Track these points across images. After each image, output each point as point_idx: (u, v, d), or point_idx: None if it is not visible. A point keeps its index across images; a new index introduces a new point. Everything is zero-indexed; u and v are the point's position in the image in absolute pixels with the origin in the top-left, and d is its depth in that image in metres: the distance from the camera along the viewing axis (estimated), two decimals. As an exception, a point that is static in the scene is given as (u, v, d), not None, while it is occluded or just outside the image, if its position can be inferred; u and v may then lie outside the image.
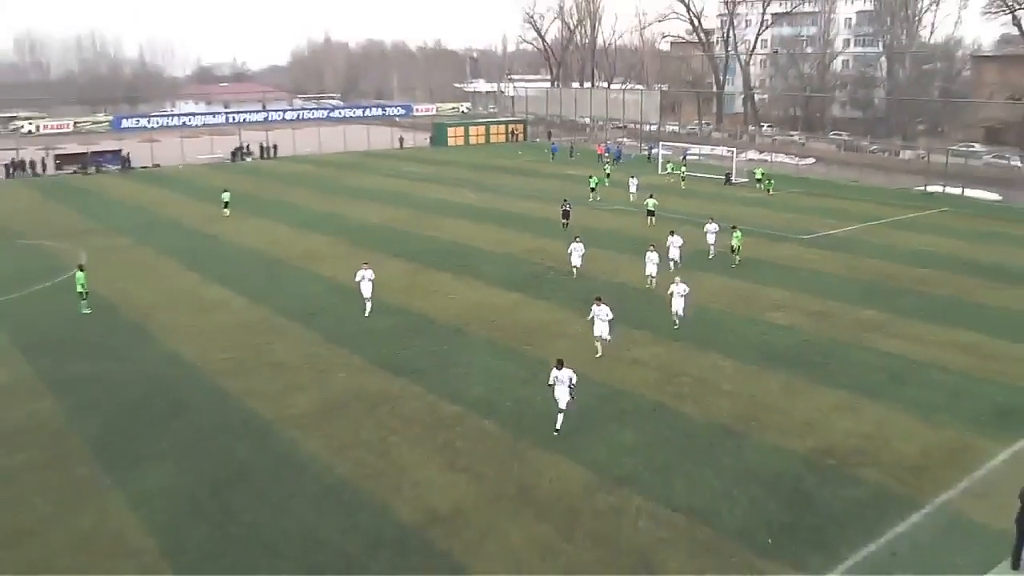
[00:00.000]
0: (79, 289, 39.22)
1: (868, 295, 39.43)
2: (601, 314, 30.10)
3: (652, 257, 40.25)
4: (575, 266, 42.32)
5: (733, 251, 44.95)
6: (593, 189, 67.74)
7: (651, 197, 56.93)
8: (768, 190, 71.64)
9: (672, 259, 42.44)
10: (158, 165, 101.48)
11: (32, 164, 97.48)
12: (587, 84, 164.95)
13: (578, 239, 42.97)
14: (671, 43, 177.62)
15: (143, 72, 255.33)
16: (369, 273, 36.59)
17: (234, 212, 64.48)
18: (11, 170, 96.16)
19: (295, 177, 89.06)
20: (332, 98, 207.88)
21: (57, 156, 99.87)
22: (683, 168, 78.17)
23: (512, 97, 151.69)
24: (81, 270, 39.73)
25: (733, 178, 78.43)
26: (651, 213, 55.73)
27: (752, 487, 21.71)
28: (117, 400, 28.61)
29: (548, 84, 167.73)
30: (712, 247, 46.55)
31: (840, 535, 19.58)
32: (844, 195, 72.22)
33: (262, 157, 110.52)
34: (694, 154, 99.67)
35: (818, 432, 24.89)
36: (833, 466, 22.84)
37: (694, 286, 38.77)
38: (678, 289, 33.80)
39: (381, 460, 23.60)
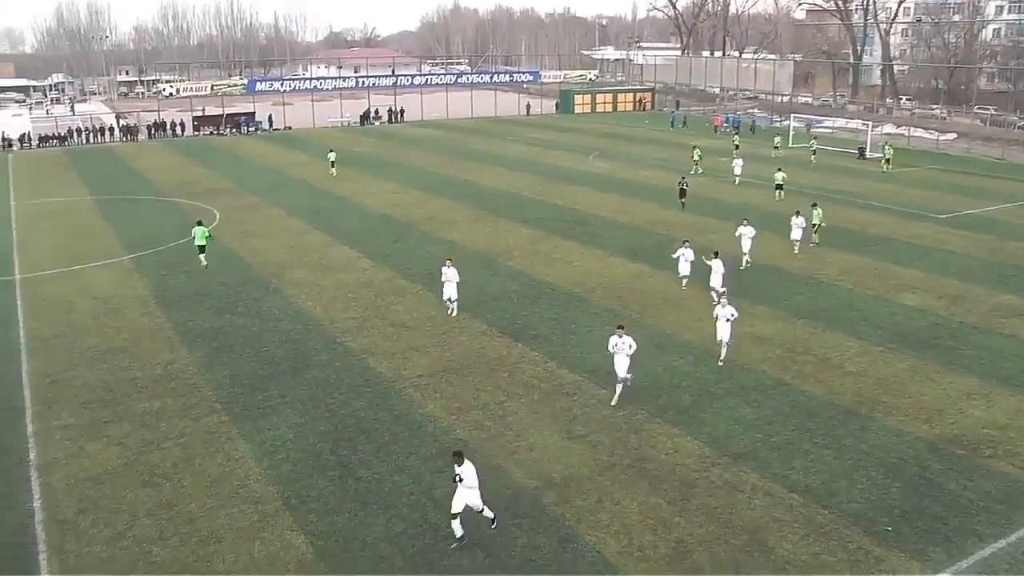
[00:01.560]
0: (199, 242, 40.87)
1: (1008, 279, 37.56)
2: (624, 347, 24.67)
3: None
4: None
5: (814, 229, 42.37)
6: (696, 161, 66.35)
7: (780, 170, 55.41)
8: (887, 166, 68.24)
9: (744, 253, 38.55)
10: (290, 128, 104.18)
11: (172, 125, 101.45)
12: (718, 53, 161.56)
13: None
14: (807, 11, 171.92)
15: (277, 37, 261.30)
16: (452, 272, 32.62)
17: (361, 174, 65.81)
18: (152, 131, 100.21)
19: (422, 141, 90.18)
20: (460, 63, 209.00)
21: (195, 118, 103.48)
22: (813, 141, 75.71)
23: (641, 65, 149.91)
24: (200, 225, 41.35)
25: (867, 152, 75.68)
26: (779, 187, 54.21)
27: (873, 471, 21.09)
28: (246, 353, 29.69)
29: (678, 53, 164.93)
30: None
31: (966, 528, 18.79)
32: (987, 173, 68.97)
33: (390, 121, 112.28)
34: (826, 127, 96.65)
35: (947, 419, 23.98)
36: (961, 455, 21.95)
37: (819, 263, 37.90)
38: (724, 313, 27.40)
39: (498, 424, 23.87)
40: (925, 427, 23.41)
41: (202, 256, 40.95)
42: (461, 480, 17.81)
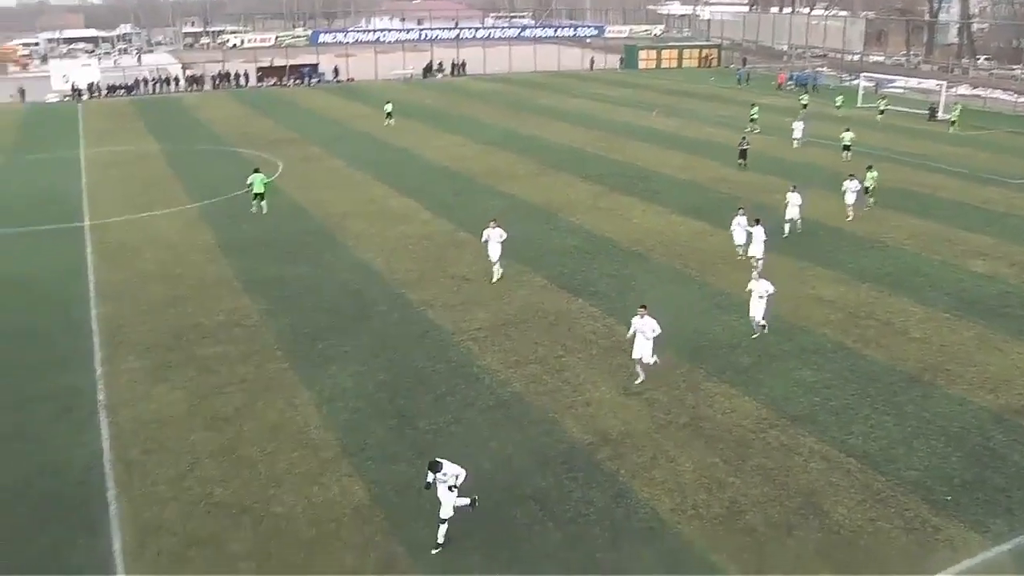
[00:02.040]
0: (257, 190, 41.49)
1: (1083, 247, 36.37)
2: (646, 329, 23.20)
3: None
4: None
5: (867, 192, 40.86)
6: (753, 119, 65.03)
7: (847, 130, 54.11)
8: (953, 128, 66.05)
9: (790, 220, 36.60)
10: (352, 79, 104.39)
11: (236, 76, 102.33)
12: (787, 9, 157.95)
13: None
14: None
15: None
16: (497, 233, 31.28)
17: (423, 127, 65.92)
18: (217, 82, 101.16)
19: (484, 95, 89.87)
20: (523, 17, 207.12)
21: (259, 69, 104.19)
22: (880, 101, 73.78)
23: (707, 21, 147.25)
24: (257, 172, 41.95)
25: (939, 114, 73.58)
26: (847, 148, 52.91)
27: (934, 439, 20.76)
28: (307, 302, 30.09)
29: (745, 8, 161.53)
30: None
31: (1028, 500, 18.50)
32: (1066, 137, 66.73)
33: (453, 74, 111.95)
34: (898, 87, 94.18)
35: (1014, 389, 23.43)
36: (1027, 426, 21.54)
37: (884, 226, 37.16)
38: (758, 288, 26.07)
39: (555, 378, 23.96)
40: (990, 397, 22.95)
41: (260, 203, 41.54)
42: (455, 487, 16.80)
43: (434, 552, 16.69)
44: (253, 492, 18.97)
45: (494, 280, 31.39)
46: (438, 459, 16.94)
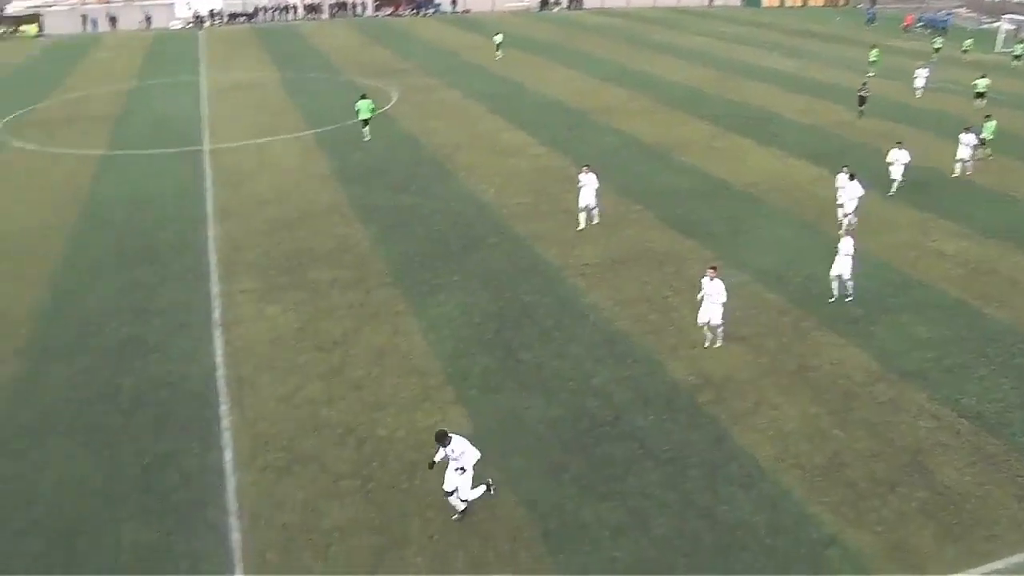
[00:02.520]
0: (364, 116, 42.13)
1: None
2: (714, 293, 21.71)
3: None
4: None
5: (983, 144, 38.34)
6: (873, 62, 62.17)
7: (983, 77, 51.35)
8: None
9: (893, 180, 33.95)
10: (468, 11, 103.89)
11: (353, 5, 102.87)
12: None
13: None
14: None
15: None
16: (591, 179, 30.05)
17: (538, 60, 65.34)
18: (335, 11, 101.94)
19: (600, 29, 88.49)
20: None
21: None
22: (1018, 46, 69.73)
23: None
24: (365, 98, 42.44)
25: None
26: (981, 95, 50.25)
27: (1056, 402, 19.93)
28: (417, 231, 30.42)
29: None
30: (964, 163, 35.34)
31: None
32: None
33: (569, 7, 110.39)
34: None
35: None
36: None
37: (1016, 180, 35.47)
38: (844, 246, 24.47)
39: (662, 318, 23.76)
40: (1119, 363, 21.84)
41: (365, 129, 42.19)
42: (463, 470, 15.60)
43: (455, 519, 15.96)
44: (358, 414, 19.46)
45: (580, 228, 30.21)
46: (447, 431, 15.74)
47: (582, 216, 30.21)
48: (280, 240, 29.89)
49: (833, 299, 24.57)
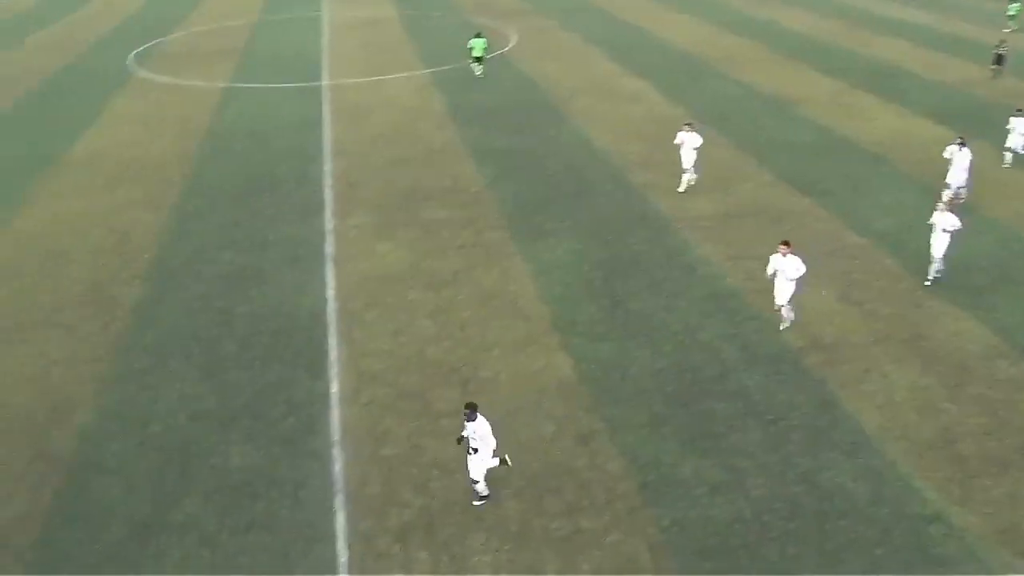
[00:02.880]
0: (476, 54, 42.99)
1: None
2: (789, 269, 20.09)
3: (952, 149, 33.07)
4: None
5: None
6: (1013, 16, 58.56)
7: None
8: None
9: (1009, 149, 31.40)
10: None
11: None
12: None
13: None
14: None
15: None
16: (692, 138, 28.72)
17: (661, 6, 63.98)
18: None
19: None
20: None
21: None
22: None
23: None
24: (479, 36, 43.24)
25: None
26: None
27: None
28: (530, 175, 30.41)
29: None
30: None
31: None
32: None
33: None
34: None
35: None
36: None
37: None
38: (942, 220, 22.28)
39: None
40: None
41: (477, 66, 43.09)
42: (475, 451, 15.00)
43: (926, 283, 16.07)
44: (463, 354, 19.71)
45: (681, 189, 29.06)
46: (476, 407, 15.04)
47: (685, 177, 29.03)
48: (394, 178, 30.25)
49: (928, 282, 22.86)
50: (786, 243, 20.36)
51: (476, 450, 15.02)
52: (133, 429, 17.55)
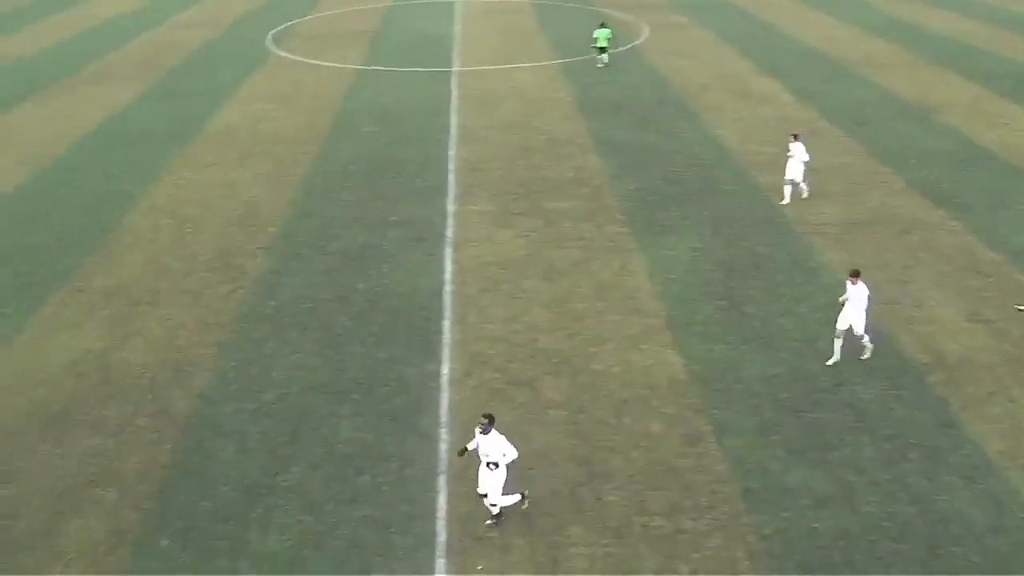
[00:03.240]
0: (601, 44, 43.01)
1: None
2: (857, 298, 18.81)
3: None
4: None
5: None
6: None
7: None
8: None
9: None
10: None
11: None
12: None
13: None
14: None
15: None
16: (799, 149, 27.05)
17: (798, 4, 62.45)
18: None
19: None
20: None
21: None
22: None
23: None
24: (604, 27, 43.48)
25: None
26: None
27: None
28: (655, 170, 30.18)
29: None
30: None
31: None
32: None
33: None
34: None
35: None
36: None
37: None
38: None
39: (898, 290, 22.47)
40: None
41: (602, 56, 43.25)
42: (495, 466, 14.12)
43: (488, 523, 14.57)
44: (576, 346, 19.71)
45: (784, 201, 27.55)
46: (494, 418, 14.30)
47: (787, 189, 27.70)
48: (518, 166, 30.43)
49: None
50: (856, 273, 18.99)
51: (496, 464, 14.13)
52: (249, 395, 18.17)
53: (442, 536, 14.38)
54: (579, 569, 13.69)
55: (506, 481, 14.39)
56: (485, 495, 14.45)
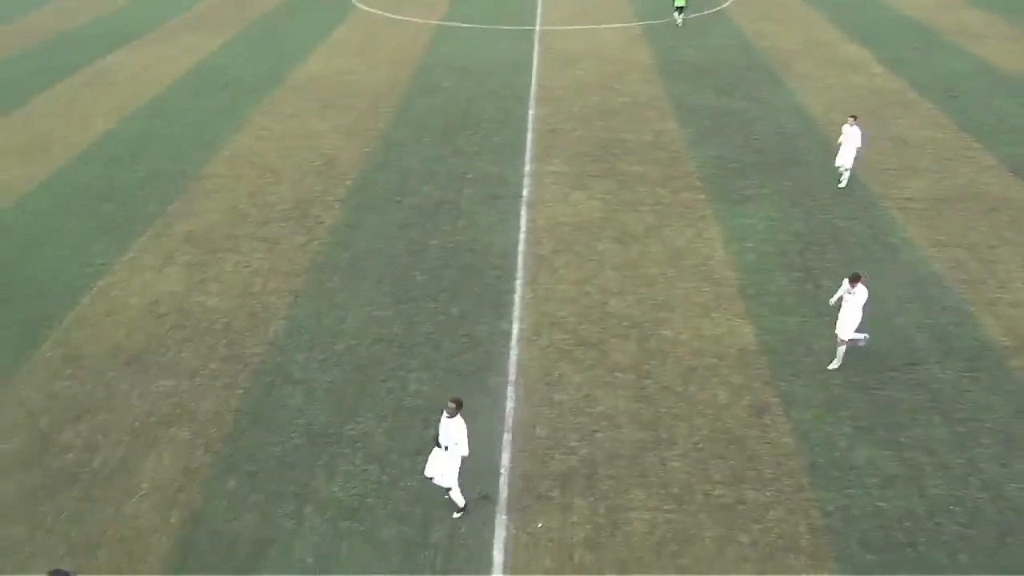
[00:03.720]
0: (679, 3, 43.20)
1: None
2: (855, 303, 17.37)
3: None
4: None
5: None
6: None
7: None
8: None
9: None
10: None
11: None
12: None
13: None
14: None
15: None
16: (855, 133, 25.37)
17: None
18: None
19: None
20: None
21: None
22: None
23: None
24: None
25: None
26: None
27: None
28: (736, 137, 29.65)
29: None
30: None
31: None
32: None
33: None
34: None
35: None
36: None
37: None
38: None
39: (982, 268, 21.87)
40: None
41: (678, 16, 43.35)
42: (444, 448, 13.53)
43: (456, 516, 14.16)
44: (646, 311, 19.60)
45: (841, 185, 26.20)
46: (462, 404, 13.56)
47: (845, 175, 26.20)
48: (596, 128, 30.17)
49: None
50: (858, 276, 17.54)
51: (446, 448, 13.53)
52: (320, 344, 18.47)
53: (504, 493, 14.52)
54: (638, 533, 13.74)
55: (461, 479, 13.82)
56: (431, 478, 13.80)
